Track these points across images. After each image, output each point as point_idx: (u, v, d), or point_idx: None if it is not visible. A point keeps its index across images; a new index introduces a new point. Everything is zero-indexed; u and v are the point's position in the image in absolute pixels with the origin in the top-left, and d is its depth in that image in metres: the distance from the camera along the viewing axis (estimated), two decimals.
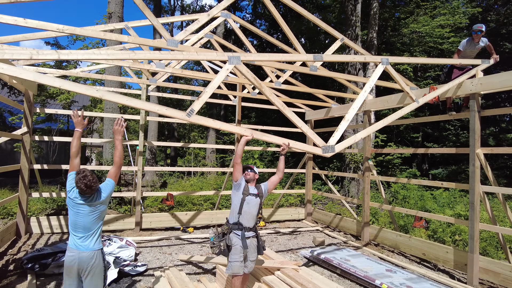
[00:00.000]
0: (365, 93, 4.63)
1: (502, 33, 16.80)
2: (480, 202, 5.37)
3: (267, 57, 4.19)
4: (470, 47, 5.76)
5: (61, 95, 11.85)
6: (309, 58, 4.43)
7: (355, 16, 12.32)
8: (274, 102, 3.93)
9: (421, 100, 5.18)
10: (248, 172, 3.89)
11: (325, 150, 4.11)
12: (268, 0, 4.99)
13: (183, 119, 3.44)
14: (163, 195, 7.97)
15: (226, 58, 3.62)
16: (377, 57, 4.80)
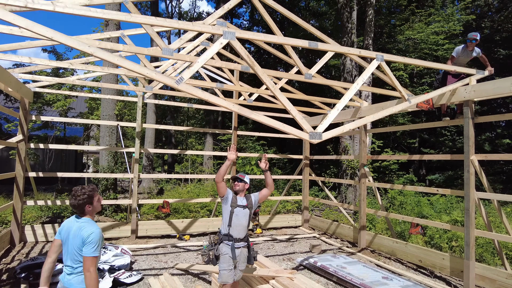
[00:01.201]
0: (357, 86, 4.56)
1: (496, 39, 17.00)
2: (475, 209, 5.38)
3: (262, 37, 4.08)
4: (463, 55, 5.82)
5: (57, 102, 11.84)
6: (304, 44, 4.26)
7: (350, 23, 12.44)
8: (265, 82, 3.92)
9: (413, 100, 5.18)
10: (237, 183, 3.86)
11: (312, 136, 4.03)
12: (263, 9, 5.03)
13: (172, 85, 3.37)
14: (159, 202, 7.94)
15: (221, 32, 3.58)
16: (372, 53, 4.80)
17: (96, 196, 2.76)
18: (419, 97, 5.27)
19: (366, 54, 4.79)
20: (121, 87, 7.07)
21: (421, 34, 13.71)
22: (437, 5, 18.08)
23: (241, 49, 3.67)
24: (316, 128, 4.14)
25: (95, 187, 2.74)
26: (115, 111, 9.54)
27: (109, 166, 9.43)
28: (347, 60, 12.09)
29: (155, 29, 5.18)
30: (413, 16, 15.68)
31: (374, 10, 13.44)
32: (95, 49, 3.10)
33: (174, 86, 3.32)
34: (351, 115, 7.55)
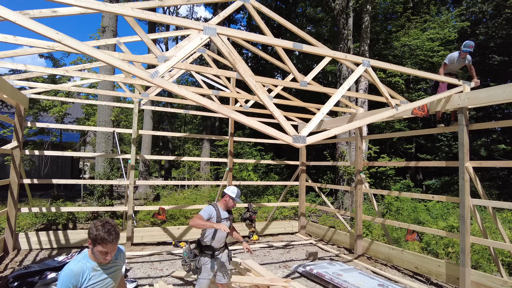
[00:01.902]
0: (342, 90, 4.51)
1: (490, 46, 17.18)
2: (471, 215, 5.39)
3: (244, 35, 3.94)
4: (456, 62, 5.88)
5: (53, 108, 11.81)
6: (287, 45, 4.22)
7: (347, 29, 12.54)
8: (247, 81, 3.82)
9: (400, 108, 5.19)
10: (234, 203, 3.97)
11: (296, 140, 3.90)
12: (258, 17, 5.06)
13: (146, 80, 3.27)
14: (155, 209, 7.90)
15: (201, 28, 3.47)
16: (359, 58, 4.70)
17: None
18: (406, 105, 5.28)
19: (352, 58, 4.68)
20: (118, 93, 7.06)
21: (416, 40, 13.83)
22: (432, 12, 18.27)
23: (223, 46, 3.57)
24: (300, 131, 4.04)
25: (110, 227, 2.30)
26: (111, 117, 9.53)
27: (105, 172, 9.39)
28: (343, 66, 12.16)
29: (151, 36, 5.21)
30: (408, 22, 15.84)
31: (370, 16, 13.56)
32: (63, 37, 3.04)
33: (148, 79, 3.23)
34: (347, 122, 7.57)
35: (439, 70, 5.88)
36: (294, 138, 3.88)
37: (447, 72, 5.95)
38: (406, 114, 6.32)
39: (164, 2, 4.61)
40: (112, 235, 2.25)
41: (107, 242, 2.22)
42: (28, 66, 5.03)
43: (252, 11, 5.02)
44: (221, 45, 3.55)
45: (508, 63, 16.66)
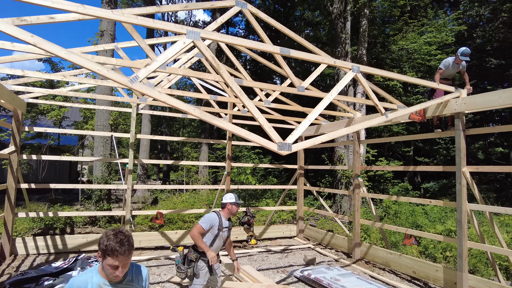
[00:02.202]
0: (330, 97, 4.46)
1: (487, 49, 17.26)
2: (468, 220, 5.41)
3: (229, 39, 3.88)
4: (452, 68, 5.91)
5: (51, 112, 11.79)
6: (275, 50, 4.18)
7: (344, 33, 12.59)
8: (232, 87, 3.72)
9: (390, 115, 5.18)
10: (237, 207, 4.06)
11: (281, 147, 3.81)
12: (255, 23, 5.08)
13: (126, 85, 3.20)
14: (153, 213, 7.89)
15: (184, 31, 3.40)
16: (348, 64, 4.65)
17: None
18: (395, 112, 5.28)
19: (340, 64, 4.62)
20: (116, 98, 7.06)
21: (414, 44, 13.90)
22: (429, 15, 18.36)
23: (206, 50, 3.50)
24: (286, 139, 3.95)
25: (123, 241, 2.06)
26: (109, 121, 9.52)
27: (103, 176, 9.38)
28: (340, 70, 12.20)
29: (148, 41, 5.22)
30: (406, 26, 15.91)
31: (367, 20, 13.62)
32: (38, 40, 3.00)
33: (128, 85, 3.15)
34: (344, 126, 7.59)
35: (435, 76, 5.90)
36: (279, 146, 3.80)
37: (443, 77, 5.98)
38: (403, 119, 6.35)
39: (162, 8, 4.62)
40: (124, 246, 1.99)
41: (118, 254, 1.96)
42: (25, 71, 5.03)
43: (249, 17, 5.04)
44: (205, 50, 3.48)
45: (505, 67, 16.74)
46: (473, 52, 18.21)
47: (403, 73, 14.90)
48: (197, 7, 4.79)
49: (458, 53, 5.68)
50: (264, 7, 25.41)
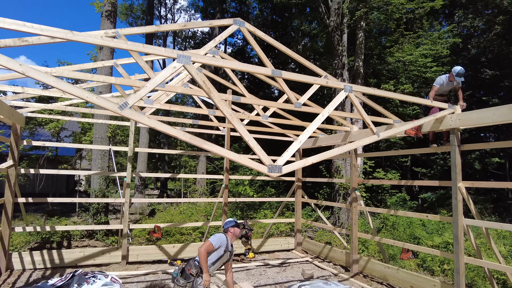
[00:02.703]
0: (322, 118, 4.48)
1: (482, 61, 17.49)
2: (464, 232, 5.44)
3: (221, 62, 3.89)
4: (446, 85, 5.99)
5: (50, 124, 11.81)
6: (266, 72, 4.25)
7: (341, 45, 12.75)
8: (223, 111, 3.78)
9: (382, 134, 5.24)
10: (239, 229, 4.29)
11: (271, 170, 3.82)
12: (253, 42, 5.17)
13: (115, 111, 3.20)
14: (151, 227, 7.88)
15: (175, 55, 3.44)
16: (341, 83, 4.70)
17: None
18: (387, 132, 5.34)
19: (333, 84, 4.67)
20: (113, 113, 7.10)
21: (410, 56, 14.07)
22: (425, 27, 18.61)
23: (197, 74, 3.54)
24: (276, 161, 3.95)
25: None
26: (107, 133, 9.55)
27: (101, 189, 9.37)
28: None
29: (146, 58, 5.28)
30: (402, 37, 16.12)
31: (364, 33, 13.81)
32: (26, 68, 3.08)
33: (117, 112, 3.17)
34: (341, 139, 7.66)
35: (430, 92, 5.98)
36: (269, 168, 3.81)
37: (438, 93, 6.06)
38: (400, 134, 6.41)
39: (161, 28, 4.71)
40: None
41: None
42: (25, 88, 5.09)
43: (247, 35, 5.12)
44: (195, 74, 3.51)
45: (500, 77, 16.95)
46: (468, 62, 18.46)
47: (399, 84, 15.04)
48: (195, 26, 4.88)
49: (452, 73, 5.75)
50: (262, 17, 25.73)
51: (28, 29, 3.22)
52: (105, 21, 9.80)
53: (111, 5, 9.88)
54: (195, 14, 32.29)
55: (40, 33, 3.24)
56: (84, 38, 3.37)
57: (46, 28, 3.26)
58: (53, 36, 3.26)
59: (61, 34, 3.30)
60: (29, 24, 3.20)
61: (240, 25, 5.03)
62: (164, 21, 31.06)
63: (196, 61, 3.60)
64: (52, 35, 3.26)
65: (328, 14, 13.26)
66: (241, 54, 25.11)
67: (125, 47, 3.53)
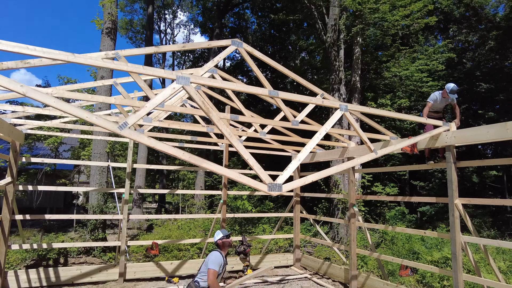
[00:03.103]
0: (317, 140, 4.50)
1: (477, 75, 17.74)
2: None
3: (219, 83, 3.98)
4: (440, 101, 6.08)
5: (49, 139, 11.85)
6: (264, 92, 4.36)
7: (338, 61, 12.94)
8: (222, 130, 3.81)
9: (379, 151, 5.29)
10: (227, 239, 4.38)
11: (271, 188, 3.80)
12: (251, 61, 5.26)
13: (114, 132, 3.21)
14: (148, 243, 7.83)
15: (174, 77, 3.51)
16: (336, 103, 4.76)
17: None
18: (384, 149, 5.40)
19: (328, 104, 4.72)
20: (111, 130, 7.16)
21: (406, 71, 14.28)
22: (421, 41, 18.93)
23: (196, 95, 3.59)
24: (276, 179, 3.96)
25: None
26: (106, 149, 9.59)
27: (99, 204, 9.35)
28: (335, 96, 12.46)
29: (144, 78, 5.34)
30: (398, 52, 16.38)
31: (360, 48, 14.04)
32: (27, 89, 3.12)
33: (116, 131, 3.18)
34: (339, 155, 7.71)
35: (424, 109, 6.06)
36: (270, 187, 3.78)
37: (432, 110, 6.13)
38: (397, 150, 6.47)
39: (160, 49, 4.80)
40: None
41: None
42: (25, 107, 5.15)
43: (245, 55, 5.23)
44: (194, 95, 3.57)
45: (495, 91, 17.17)
46: (464, 76, 18.72)
47: (396, 98, 15.20)
48: (194, 47, 4.98)
49: (446, 90, 5.84)
50: (260, 32, 26.16)
51: (31, 52, 3.30)
52: (105, 38, 9.96)
53: (111, 22, 10.05)
54: (194, 29, 32.78)
55: (42, 56, 3.31)
56: (85, 60, 3.45)
57: (48, 50, 3.34)
58: (54, 59, 3.33)
59: (62, 57, 3.38)
60: (31, 47, 3.29)
61: (238, 46, 5.14)
62: (163, 35, 31.52)
63: (195, 82, 3.67)
64: (54, 57, 3.34)
65: (325, 30, 13.50)
66: (240, 68, 25.40)
67: (125, 69, 3.61)
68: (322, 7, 13.78)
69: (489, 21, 19.11)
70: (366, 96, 15.79)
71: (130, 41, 31.80)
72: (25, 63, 3.94)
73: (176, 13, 31.86)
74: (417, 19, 14.04)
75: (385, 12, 12.14)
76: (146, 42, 19.73)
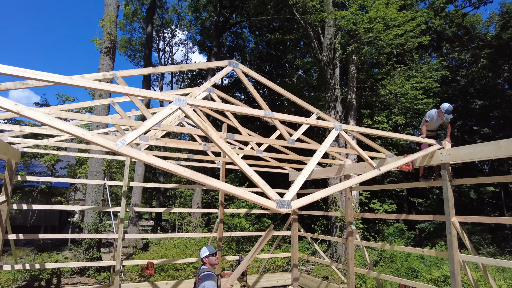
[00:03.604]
0: (320, 153, 4.49)
1: (471, 92, 18.02)
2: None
3: (215, 105, 4.04)
4: (436, 119, 6.15)
5: (45, 156, 11.82)
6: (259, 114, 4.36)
7: (334, 79, 13.14)
8: (222, 147, 3.75)
9: (382, 168, 5.31)
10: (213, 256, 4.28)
11: (280, 205, 3.70)
12: (247, 82, 5.35)
13: (111, 148, 3.18)
14: (144, 263, 7.70)
15: (171, 99, 3.59)
16: (331, 123, 4.78)
17: None
18: (388, 165, 5.42)
19: (323, 124, 4.75)
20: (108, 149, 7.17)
21: (401, 89, 14.50)
22: (415, 59, 19.31)
23: (193, 115, 3.64)
24: (284, 195, 3.85)
25: None
26: (103, 167, 9.56)
27: (94, 222, 9.24)
28: (331, 114, 12.58)
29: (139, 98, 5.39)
30: (393, 70, 16.67)
31: (356, 66, 14.29)
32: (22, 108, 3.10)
33: (114, 149, 3.17)
34: (335, 172, 7.72)
35: (422, 127, 6.12)
36: (278, 203, 3.69)
37: (428, 128, 6.20)
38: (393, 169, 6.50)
39: (157, 70, 4.89)
40: None
41: None
42: (22, 127, 5.17)
43: (241, 76, 5.31)
44: (192, 115, 3.61)
45: (489, 107, 17.41)
46: (458, 93, 19.01)
47: (392, 115, 15.36)
48: (191, 68, 5.06)
49: (442, 109, 5.86)
50: (257, 50, 26.61)
51: (29, 75, 3.33)
52: (104, 57, 10.11)
53: (110, 42, 10.23)
54: (192, 47, 33.26)
55: (40, 78, 3.36)
56: (82, 83, 3.49)
57: (46, 74, 3.39)
58: (52, 81, 3.38)
59: (60, 79, 3.43)
60: (29, 71, 3.33)
61: (234, 66, 5.23)
62: (162, 53, 31.95)
63: (191, 104, 3.72)
64: (51, 79, 3.39)
65: (320, 49, 13.77)
66: (238, 85, 25.69)
67: (122, 91, 3.65)
68: (317, 27, 14.11)
69: (481, 40, 19.59)
70: (362, 113, 15.96)
71: (129, 59, 32.22)
72: (24, 84, 3.99)
73: (175, 32, 32.43)
74: (410, 38, 14.36)
75: (379, 31, 12.42)
76: (145, 60, 19.96)
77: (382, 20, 12.30)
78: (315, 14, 12.80)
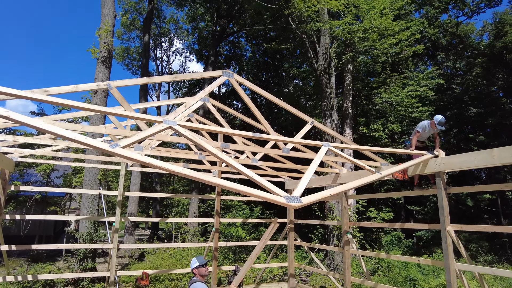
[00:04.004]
0: (318, 160, 4.55)
1: (465, 100, 18.18)
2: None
3: (204, 126, 4.30)
4: (427, 132, 6.17)
5: (40, 166, 11.75)
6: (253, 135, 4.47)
7: (329, 88, 13.22)
8: (219, 157, 3.81)
9: (383, 172, 5.32)
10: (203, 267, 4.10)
11: (290, 200, 3.59)
12: (242, 92, 5.37)
13: (106, 150, 3.20)
14: (139, 273, 7.61)
15: (161, 120, 3.76)
16: (319, 142, 4.92)
17: None
18: (388, 170, 5.46)
19: (310, 143, 4.89)
20: (105, 158, 7.15)
21: (397, 97, 14.60)
22: (411, 68, 19.49)
23: (185, 131, 3.81)
24: (293, 192, 3.83)
25: None
26: (98, 176, 9.51)
27: (89, 233, 9.15)
28: (327, 122, 12.63)
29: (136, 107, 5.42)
30: (389, 78, 16.81)
31: (352, 75, 14.40)
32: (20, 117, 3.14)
33: (108, 150, 3.20)
34: (331, 181, 7.72)
35: (413, 138, 6.13)
36: (287, 198, 3.58)
37: (418, 139, 6.21)
38: (388, 177, 6.51)
39: (152, 79, 4.91)
40: None
41: None
42: (16, 137, 5.15)
43: (236, 86, 5.34)
44: (183, 132, 3.76)
45: (484, 115, 17.55)
46: (453, 101, 19.17)
47: (389, 122, 15.44)
48: (186, 78, 5.09)
49: (434, 121, 5.86)
50: (254, 59, 26.80)
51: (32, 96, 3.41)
52: (100, 67, 10.14)
53: (107, 51, 10.27)
54: (190, 56, 33.46)
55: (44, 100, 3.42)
56: (73, 103, 3.60)
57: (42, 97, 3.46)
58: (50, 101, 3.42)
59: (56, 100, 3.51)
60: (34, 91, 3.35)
61: (229, 76, 5.26)
62: (159, 62, 32.12)
63: (181, 125, 3.83)
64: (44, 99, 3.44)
65: (316, 58, 13.89)
66: (235, 93, 25.79)
67: (116, 112, 3.72)
68: (313, 36, 14.25)
69: (475, 49, 19.84)
70: (358, 121, 16.03)
71: (127, 68, 32.34)
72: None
73: (172, 41, 32.65)
74: (405, 47, 14.53)
75: (374, 40, 12.56)
76: (142, 69, 20.01)
77: (377, 29, 12.45)
78: (310, 24, 12.93)
